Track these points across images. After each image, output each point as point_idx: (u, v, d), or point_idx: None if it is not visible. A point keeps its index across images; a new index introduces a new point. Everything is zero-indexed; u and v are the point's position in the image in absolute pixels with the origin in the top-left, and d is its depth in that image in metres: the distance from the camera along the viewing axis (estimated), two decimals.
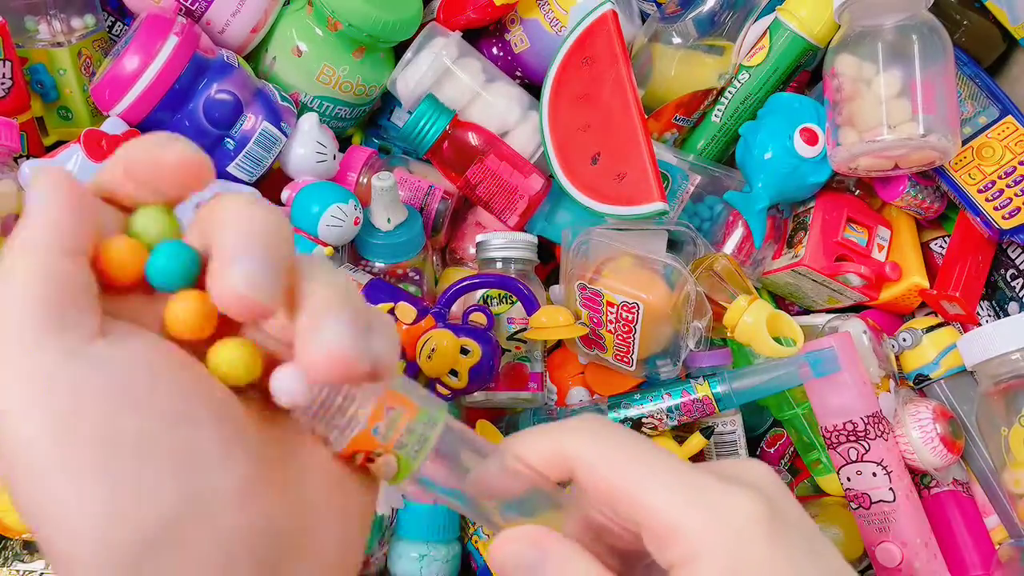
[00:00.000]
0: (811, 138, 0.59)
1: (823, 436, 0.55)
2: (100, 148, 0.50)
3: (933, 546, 0.54)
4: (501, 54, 0.66)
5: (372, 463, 0.25)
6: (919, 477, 0.58)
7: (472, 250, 0.64)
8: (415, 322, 0.50)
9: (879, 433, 0.53)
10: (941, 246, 0.63)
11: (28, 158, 0.54)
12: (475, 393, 0.56)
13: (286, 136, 0.57)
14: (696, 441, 0.54)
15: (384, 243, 0.58)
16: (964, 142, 0.58)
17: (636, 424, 0.55)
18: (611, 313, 0.54)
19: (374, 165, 0.62)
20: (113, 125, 0.51)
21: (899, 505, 0.53)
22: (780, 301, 0.67)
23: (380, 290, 0.54)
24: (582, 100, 0.59)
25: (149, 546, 0.19)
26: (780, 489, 0.25)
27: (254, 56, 0.61)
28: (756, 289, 0.58)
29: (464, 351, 0.44)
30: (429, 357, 0.48)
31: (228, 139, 0.55)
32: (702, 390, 0.54)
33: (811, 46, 0.62)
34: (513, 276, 0.56)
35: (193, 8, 0.56)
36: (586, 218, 0.59)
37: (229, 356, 0.22)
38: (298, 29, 0.60)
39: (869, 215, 0.63)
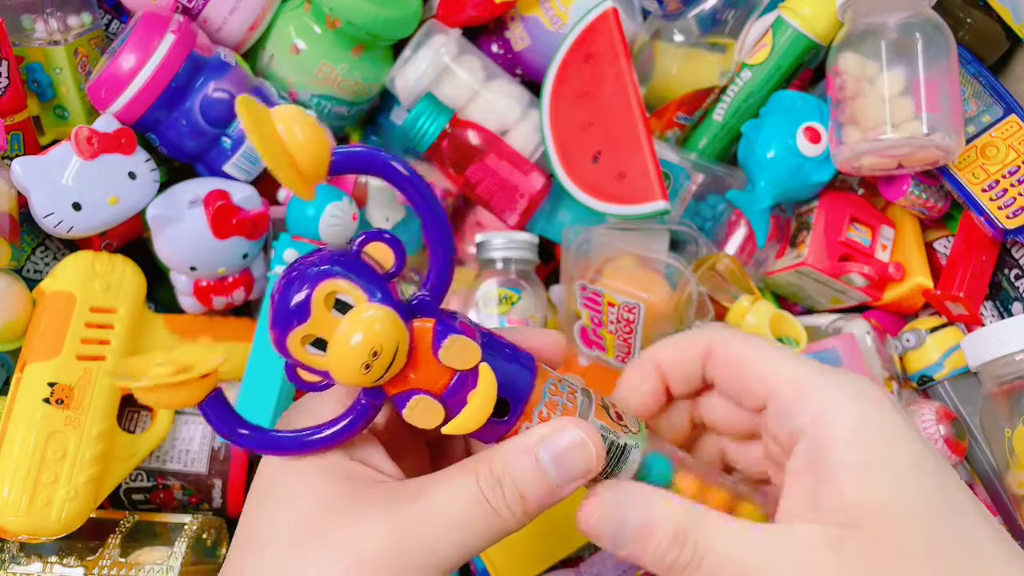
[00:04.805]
0: (814, 137, 0.58)
1: None
2: (90, 146, 0.50)
3: None
4: (501, 52, 0.65)
5: None
6: None
7: (472, 250, 0.63)
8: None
9: None
10: (945, 246, 0.63)
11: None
12: None
13: None
14: None
15: None
16: (968, 141, 0.58)
17: None
18: (612, 313, 0.54)
19: None
20: (105, 123, 0.51)
21: None
22: (783, 301, 0.66)
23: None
24: (583, 98, 0.58)
25: None
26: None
27: (252, 54, 0.60)
28: (759, 289, 0.58)
29: None
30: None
31: (225, 137, 0.55)
32: None
33: (814, 44, 0.61)
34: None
35: (190, 6, 0.55)
36: (587, 217, 0.59)
37: None
38: (296, 27, 0.59)
39: (873, 214, 0.62)
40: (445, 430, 0.26)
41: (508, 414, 0.27)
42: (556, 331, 0.31)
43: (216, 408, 0.26)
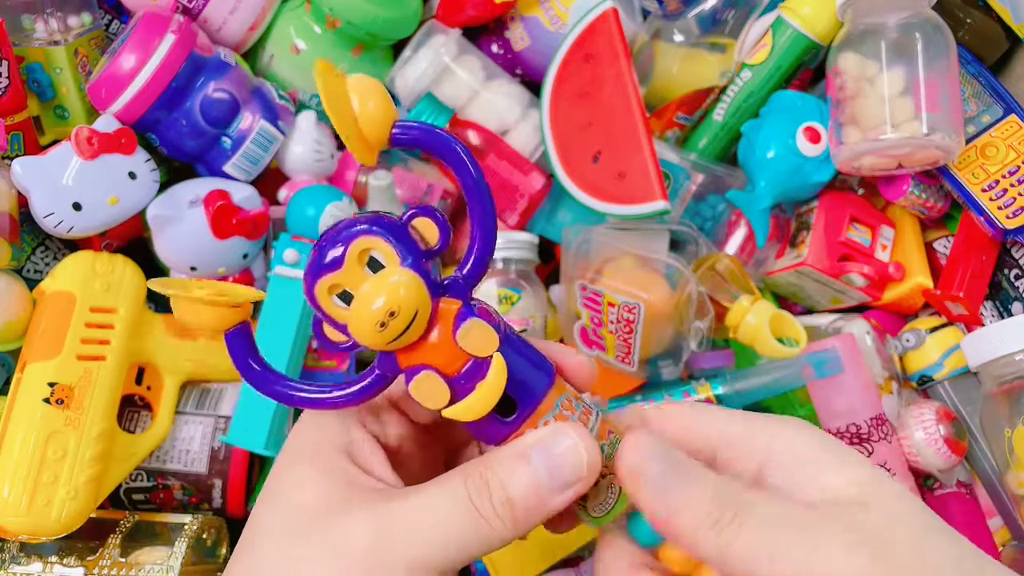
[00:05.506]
0: (814, 137, 0.58)
1: None
2: (91, 146, 0.50)
3: None
4: (501, 52, 0.65)
5: (593, 487, 0.27)
6: (922, 479, 0.58)
7: None
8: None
9: (882, 436, 0.53)
10: (945, 246, 0.63)
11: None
12: None
13: (284, 135, 0.57)
14: None
15: None
16: (968, 141, 0.58)
17: None
18: (612, 313, 0.54)
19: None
20: (105, 123, 0.51)
21: None
22: (783, 301, 0.66)
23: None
24: (583, 98, 0.58)
25: None
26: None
27: (252, 54, 0.60)
28: (759, 289, 0.58)
29: None
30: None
31: (225, 138, 0.55)
32: (704, 391, 0.53)
33: (814, 44, 0.61)
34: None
35: (190, 6, 0.55)
36: (587, 217, 0.58)
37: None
38: (296, 27, 0.59)
39: (872, 214, 0.62)
40: (446, 413, 0.26)
41: (514, 414, 0.27)
42: (589, 358, 0.30)
43: (239, 340, 0.27)
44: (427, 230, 0.26)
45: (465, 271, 0.27)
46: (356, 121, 0.25)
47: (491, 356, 0.26)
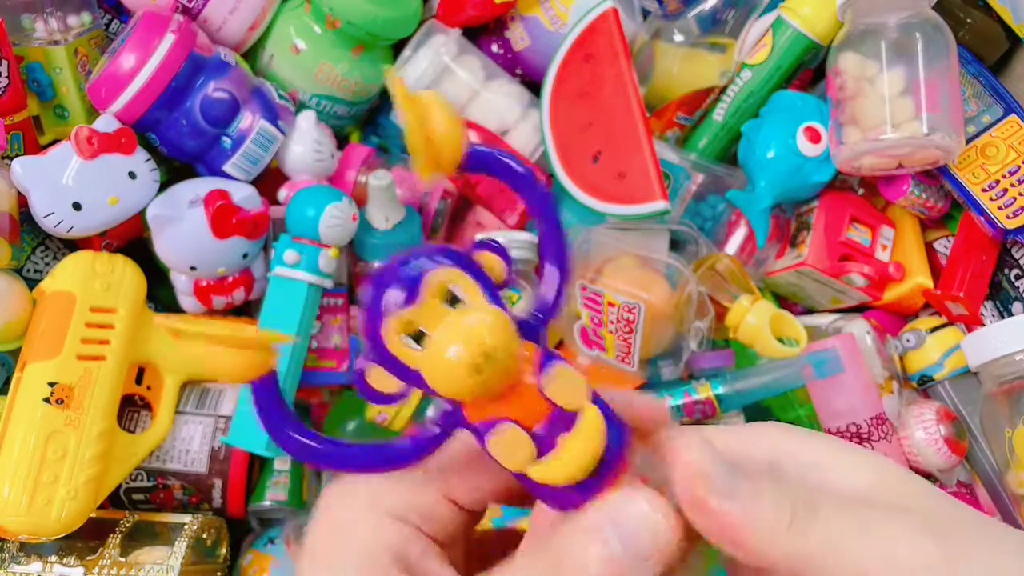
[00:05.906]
0: (814, 137, 0.58)
1: None
2: (90, 146, 0.50)
3: None
4: (501, 52, 0.65)
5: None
6: None
7: None
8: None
9: (882, 435, 0.53)
10: (945, 246, 0.63)
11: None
12: None
13: (284, 134, 0.57)
14: None
15: (382, 243, 0.57)
16: (968, 141, 0.58)
17: None
18: (612, 313, 0.54)
19: (372, 164, 0.62)
20: (105, 123, 0.51)
21: None
22: (783, 301, 0.66)
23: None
24: (583, 98, 0.58)
25: None
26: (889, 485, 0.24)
27: (252, 54, 0.60)
28: (759, 289, 0.58)
29: None
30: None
31: (225, 137, 0.55)
32: (704, 391, 0.53)
33: (814, 44, 0.61)
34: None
35: (190, 6, 0.55)
36: (587, 217, 0.59)
37: None
38: (296, 27, 0.59)
39: (873, 214, 0.62)
40: (536, 472, 0.22)
41: (600, 473, 0.23)
42: (660, 400, 0.27)
43: (267, 395, 0.22)
44: (490, 264, 0.24)
45: (539, 308, 0.24)
46: (432, 140, 0.22)
47: (580, 408, 0.22)
